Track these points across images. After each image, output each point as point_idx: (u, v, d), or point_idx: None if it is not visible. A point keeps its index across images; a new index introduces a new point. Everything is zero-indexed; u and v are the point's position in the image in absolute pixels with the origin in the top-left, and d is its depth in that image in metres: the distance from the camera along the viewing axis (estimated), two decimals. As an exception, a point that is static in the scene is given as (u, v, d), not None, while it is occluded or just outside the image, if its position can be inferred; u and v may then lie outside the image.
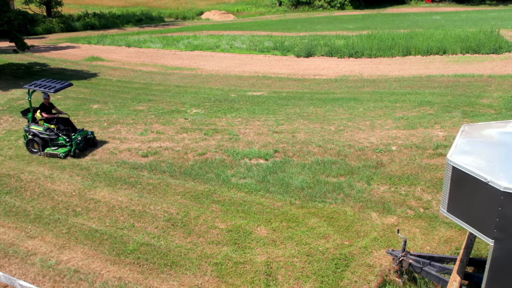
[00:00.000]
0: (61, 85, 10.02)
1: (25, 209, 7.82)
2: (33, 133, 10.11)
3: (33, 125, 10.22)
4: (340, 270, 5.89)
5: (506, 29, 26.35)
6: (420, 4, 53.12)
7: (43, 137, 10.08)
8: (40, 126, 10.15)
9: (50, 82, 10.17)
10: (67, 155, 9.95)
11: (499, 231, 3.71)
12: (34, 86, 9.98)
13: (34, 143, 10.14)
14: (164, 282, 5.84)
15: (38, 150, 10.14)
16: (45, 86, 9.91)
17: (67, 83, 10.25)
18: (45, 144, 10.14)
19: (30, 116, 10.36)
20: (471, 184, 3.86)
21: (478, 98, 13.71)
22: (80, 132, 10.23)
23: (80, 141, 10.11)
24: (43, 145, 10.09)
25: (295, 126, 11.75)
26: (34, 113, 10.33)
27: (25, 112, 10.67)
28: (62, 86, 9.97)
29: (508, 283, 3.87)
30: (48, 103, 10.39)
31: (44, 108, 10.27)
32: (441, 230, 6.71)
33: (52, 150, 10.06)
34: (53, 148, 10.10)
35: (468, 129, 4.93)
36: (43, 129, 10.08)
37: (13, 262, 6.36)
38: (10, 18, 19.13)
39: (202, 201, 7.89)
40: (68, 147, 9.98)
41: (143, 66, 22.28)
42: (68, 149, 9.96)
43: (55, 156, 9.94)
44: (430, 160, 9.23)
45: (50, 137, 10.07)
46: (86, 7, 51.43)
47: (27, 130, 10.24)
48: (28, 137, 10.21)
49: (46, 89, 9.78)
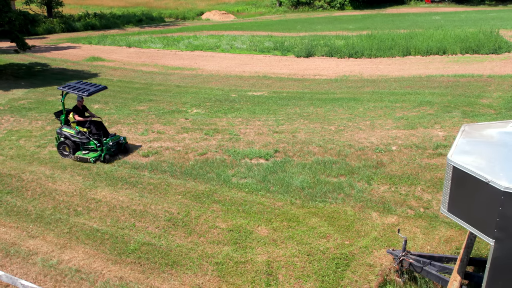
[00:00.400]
0: (95, 88, 9.70)
1: (26, 209, 7.84)
2: (64, 135, 9.88)
3: (65, 127, 9.99)
4: (340, 269, 5.90)
5: (506, 29, 26.36)
6: (419, 5, 53.17)
7: (75, 140, 9.82)
8: (72, 129, 9.90)
9: (85, 84, 9.90)
10: (97, 160, 9.64)
11: (499, 230, 3.72)
12: (68, 88, 9.69)
13: (65, 146, 9.89)
14: (165, 282, 5.85)
15: (69, 153, 9.88)
16: (79, 89, 9.62)
17: (101, 86, 9.89)
18: (76, 147, 9.86)
19: (63, 118, 10.10)
20: (472, 184, 3.87)
21: (477, 98, 13.73)
22: (112, 137, 9.87)
23: (112, 146, 9.75)
24: (74, 149, 9.82)
25: (295, 126, 11.77)
26: (67, 115, 10.11)
27: (58, 113, 10.38)
28: (96, 89, 9.65)
29: (508, 283, 3.87)
30: (82, 105, 10.13)
31: (77, 110, 10.02)
32: (441, 229, 6.72)
33: (83, 154, 9.77)
34: (83, 152, 9.81)
35: (469, 129, 4.93)
36: (75, 132, 9.83)
37: (14, 261, 6.37)
38: (11, 19, 19.18)
39: (203, 201, 7.90)
40: (98, 152, 9.69)
41: (143, 66, 22.30)
42: (98, 154, 9.65)
43: (85, 161, 9.66)
44: (430, 160, 9.25)
45: (81, 141, 9.80)
46: (86, 7, 51.50)
47: (59, 133, 10.01)
48: (60, 140, 9.98)
49: (80, 92, 9.48)
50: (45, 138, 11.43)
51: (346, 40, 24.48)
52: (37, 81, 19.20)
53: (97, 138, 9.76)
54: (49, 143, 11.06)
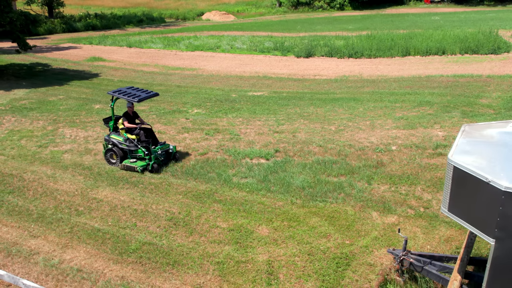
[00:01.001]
0: (147, 94, 9.18)
1: (28, 209, 7.87)
2: (112, 142, 9.43)
3: (114, 134, 9.53)
4: (341, 269, 5.92)
5: (505, 30, 26.42)
6: (419, 5, 53.25)
7: (122, 148, 9.33)
8: (120, 136, 9.43)
9: (136, 90, 9.43)
10: (144, 169, 9.13)
11: (500, 230, 3.73)
12: (119, 93, 9.21)
13: (112, 153, 9.46)
14: (166, 281, 5.87)
15: (116, 161, 9.43)
16: (129, 94, 9.11)
17: (153, 93, 9.38)
18: (124, 155, 9.39)
19: (111, 125, 9.64)
20: (472, 183, 3.88)
21: (477, 98, 13.76)
22: (161, 145, 9.42)
23: (160, 154, 9.28)
24: (122, 157, 9.35)
25: (295, 126, 11.80)
26: (116, 122, 9.62)
27: (107, 120, 9.90)
28: (147, 95, 9.13)
29: (509, 282, 3.89)
30: (132, 112, 9.64)
31: (127, 117, 9.53)
32: (442, 229, 6.75)
33: (130, 162, 9.23)
34: (131, 161, 9.27)
35: (469, 129, 4.94)
36: (123, 139, 9.35)
37: (16, 261, 6.39)
38: (12, 19, 19.23)
39: (204, 201, 7.93)
40: (146, 160, 9.19)
41: (144, 67, 22.35)
42: (146, 163, 9.15)
43: (132, 170, 9.14)
44: (430, 159, 9.27)
45: (129, 149, 9.30)
46: (87, 7, 51.59)
47: (106, 139, 9.58)
48: (107, 147, 9.57)
49: (130, 97, 8.98)
50: (46, 138, 11.47)
51: (346, 41, 24.53)
52: (38, 81, 19.24)
53: (145, 146, 9.24)
54: (50, 143, 11.10)
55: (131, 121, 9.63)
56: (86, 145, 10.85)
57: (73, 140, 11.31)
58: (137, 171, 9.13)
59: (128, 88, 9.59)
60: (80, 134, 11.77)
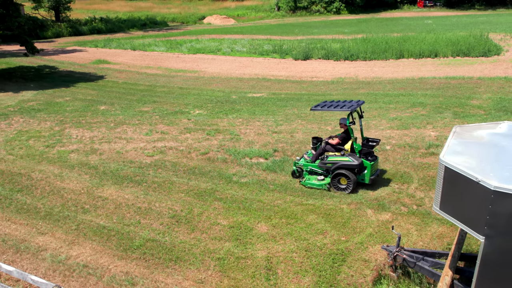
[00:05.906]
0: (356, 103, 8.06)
1: (36, 207, 8.06)
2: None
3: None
4: (337, 264, 6.05)
5: (495, 33, 26.63)
6: (412, 9, 53.46)
7: None
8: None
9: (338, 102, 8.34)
10: None
11: (489, 228, 3.81)
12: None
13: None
14: (169, 277, 6.00)
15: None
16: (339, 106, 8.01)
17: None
18: None
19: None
20: (463, 183, 3.97)
21: (468, 99, 13.94)
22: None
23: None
24: None
25: (293, 127, 12.00)
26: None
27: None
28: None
29: (497, 277, 3.99)
30: None
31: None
32: (434, 226, 6.90)
33: None
34: None
35: (460, 130, 5.04)
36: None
37: (24, 257, 6.54)
38: (20, 23, 19.61)
39: (205, 199, 8.12)
40: None
41: (147, 69, 22.63)
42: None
43: None
44: (423, 159, 9.44)
45: None
46: (93, 12, 52.11)
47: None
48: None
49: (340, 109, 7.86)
50: (54, 138, 11.71)
51: (342, 44, 24.80)
52: (46, 83, 19.56)
53: None
54: (57, 143, 11.33)
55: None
56: (92, 145, 11.09)
57: (79, 140, 11.55)
58: None
59: (333, 102, 8.49)
60: (86, 134, 12.02)
